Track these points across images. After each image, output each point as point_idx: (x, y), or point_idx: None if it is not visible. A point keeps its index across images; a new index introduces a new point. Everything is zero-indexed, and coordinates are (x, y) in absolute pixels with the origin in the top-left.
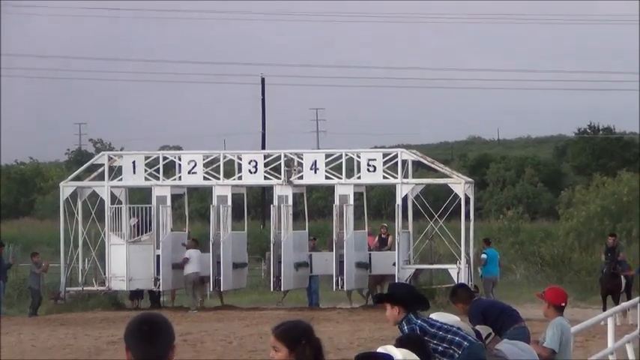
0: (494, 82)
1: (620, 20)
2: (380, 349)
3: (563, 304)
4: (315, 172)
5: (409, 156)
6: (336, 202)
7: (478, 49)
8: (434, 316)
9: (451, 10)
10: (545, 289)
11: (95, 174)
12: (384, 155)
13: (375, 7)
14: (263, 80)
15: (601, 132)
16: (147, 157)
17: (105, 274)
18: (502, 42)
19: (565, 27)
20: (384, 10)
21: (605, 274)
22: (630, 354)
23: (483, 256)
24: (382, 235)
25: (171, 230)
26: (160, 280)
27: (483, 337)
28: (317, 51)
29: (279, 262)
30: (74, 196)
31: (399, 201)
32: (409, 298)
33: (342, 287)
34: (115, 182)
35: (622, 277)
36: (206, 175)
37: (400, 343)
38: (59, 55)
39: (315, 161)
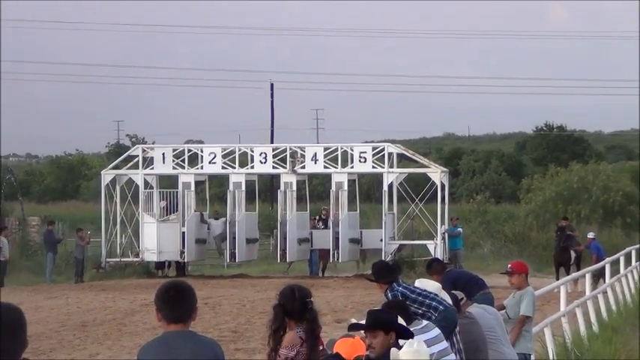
0: (466, 88)
1: (569, 36)
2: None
3: (527, 273)
4: (315, 163)
5: (394, 149)
6: (333, 188)
7: (453, 60)
8: (417, 283)
9: (430, 27)
10: (510, 265)
11: (131, 164)
12: (373, 149)
13: (366, 24)
14: (272, 85)
15: (555, 129)
16: (174, 150)
17: (139, 247)
18: (473, 54)
19: (525, 41)
20: (374, 27)
21: (557, 249)
22: (579, 316)
23: (460, 229)
24: (322, 216)
25: (195, 211)
26: (185, 253)
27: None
28: (317, 61)
29: (285, 238)
30: (113, 182)
31: (385, 187)
32: (380, 272)
33: (337, 259)
34: (147, 170)
35: (571, 251)
36: (224, 165)
37: (387, 307)
38: (101, 63)
39: (316, 153)
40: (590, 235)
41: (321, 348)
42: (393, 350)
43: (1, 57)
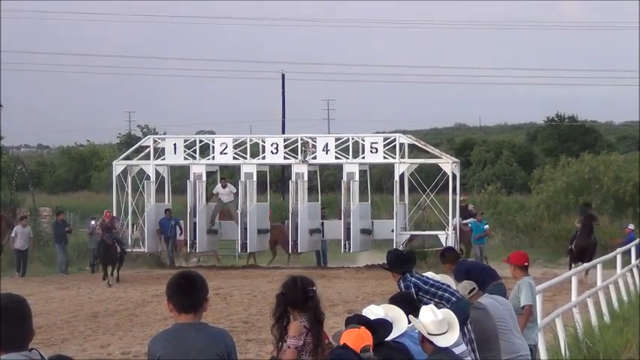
0: (477, 78)
1: (579, 26)
2: (365, 310)
3: (526, 264)
4: (327, 153)
5: (405, 140)
6: (344, 178)
7: (464, 50)
8: (428, 274)
9: (442, 17)
10: (510, 254)
11: (142, 154)
12: (385, 139)
13: (378, 15)
14: (283, 76)
15: (566, 120)
16: (186, 140)
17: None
18: (484, 44)
19: (536, 31)
20: (386, 18)
21: (586, 241)
22: (591, 307)
23: (486, 226)
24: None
25: (206, 202)
26: (197, 244)
27: (467, 292)
28: (329, 51)
29: (296, 229)
30: (124, 172)
31: (396, 178)
32: (395, 262)
33: (349, 250)
34: (158, 161)
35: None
36: (235, 156)
37: (392, 301)
38: (112, 54)
39: (327, 144)
40: (631, 226)
41: (327, 341)
42: (415, 321)
43: (1, 49)
